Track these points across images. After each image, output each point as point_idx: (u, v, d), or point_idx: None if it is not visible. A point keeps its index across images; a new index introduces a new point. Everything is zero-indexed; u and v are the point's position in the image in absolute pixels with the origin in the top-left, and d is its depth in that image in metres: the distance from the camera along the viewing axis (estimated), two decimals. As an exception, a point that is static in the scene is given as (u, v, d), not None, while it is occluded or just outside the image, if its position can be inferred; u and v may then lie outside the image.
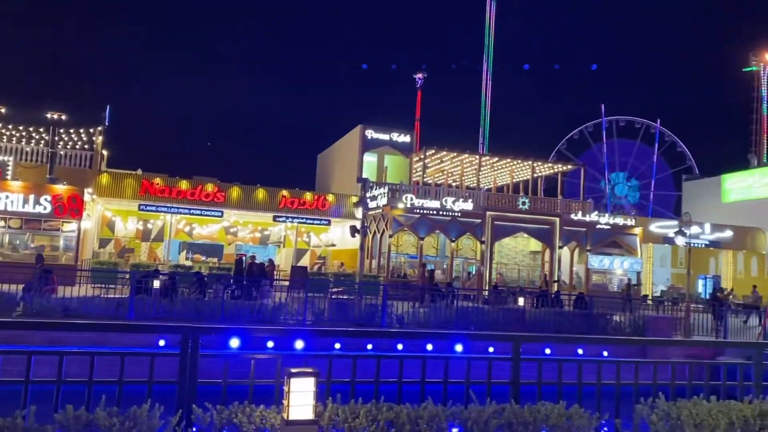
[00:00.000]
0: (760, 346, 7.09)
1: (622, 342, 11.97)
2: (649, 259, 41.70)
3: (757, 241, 43.40)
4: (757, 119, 56.43)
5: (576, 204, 36.93)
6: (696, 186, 54.09)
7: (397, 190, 33.81)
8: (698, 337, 22.93)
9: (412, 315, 20.19)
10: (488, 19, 67.25)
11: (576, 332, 20.97)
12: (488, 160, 40.63)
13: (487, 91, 65.53)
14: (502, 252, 38.74)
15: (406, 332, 16.83)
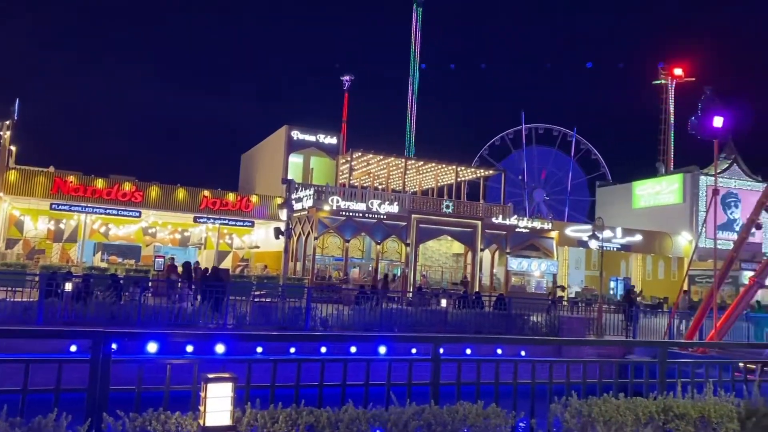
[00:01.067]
0: (664, 345, 7.51)
1: (538, 342, 12.39)
2: (565, 261, 43.40)
3: (664, 244, 45.93)
4: (665, 130, 59.78)
5: (497, 208, 37.93)
6: (609, 192, 56.69)
7: (323, 192, 33.68)
8: (610, 336, 24.04)
9: (336, 318, 20.15)
10: (413, 24, 68.09)
11: (496, 332, 21.54)
12: (414, 164, 41.14)
13: (412, 96, 66.31)
14: (427, 254, 39.30)
15: (329, 335, 16.76)
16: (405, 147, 65.61)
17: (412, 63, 66.91)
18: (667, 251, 46.10)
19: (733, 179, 45.99)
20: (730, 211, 45.37)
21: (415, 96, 66.45)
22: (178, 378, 5.62)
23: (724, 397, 6.69)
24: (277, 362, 5.87)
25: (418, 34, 67.96)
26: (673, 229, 46.15)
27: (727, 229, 43.68)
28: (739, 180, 46.20)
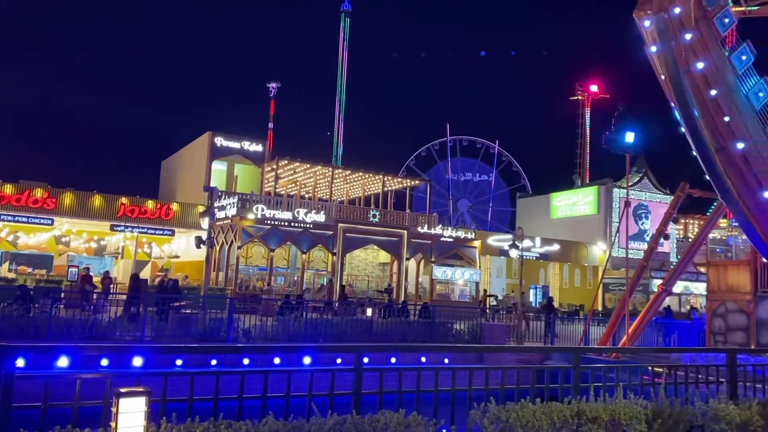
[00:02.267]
0: (578, 351, 7.81)
1: (460, 349, 12.60)
2: (487, 270, 44.44)
3: (580, 254, 47.85)
4: (582, 144, 62.45)
5: (423, 217, 38.43)
6: (529, 203, 58.56)
7: (248, 200, 33.13)
8: (530, 342, 24.77)
9: (259, 328, 19.80)
10: (341, 34, 68.34)
11: (420, 341, 21.75)
12: (341, 173, 41.15)
13: (340, 105, 66.42)
14: (353, 263, 39.31)
15: (251, 346, 16.44)
16: (332, 156, 65.62)
17: (340, 72, 67.11)
18: (583, 260, 48.04)
19: (644, 192, 48.48)
20: (641, 222, 47.77)
21: (343, 105, 66.63)
22: (90, 393, 5.36)
23: (634, 399, 7.02)
24: (194, 375, 5.71)
25: (346, 44, 68.26)
26: (589, 238, 48.15)
27: (638, 239, 45.96)
28: (649, 192, 48.74)
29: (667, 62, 17.01)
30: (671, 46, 16.78)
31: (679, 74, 16.62)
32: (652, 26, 17.20)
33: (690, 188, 24.09)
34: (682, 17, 16.60)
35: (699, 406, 7.20)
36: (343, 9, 70.17)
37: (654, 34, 17.35)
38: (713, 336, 21.57)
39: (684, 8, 16.49)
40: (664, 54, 17.07)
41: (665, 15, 16.65)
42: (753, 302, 20.57)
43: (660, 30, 16.85)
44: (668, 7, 16.61)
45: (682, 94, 16.58)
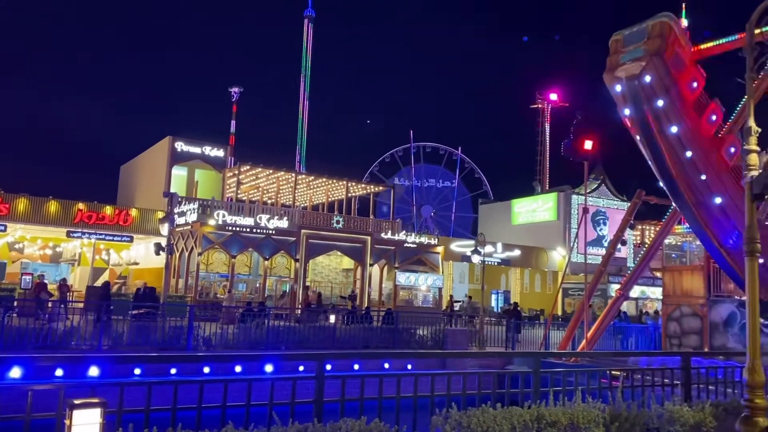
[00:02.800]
0: (537, 356, 7.92)
1: (422, 355, 12.64)
2: (450, 275, 44.72)
3: (540, 259, 48.54)
4: (541, 151, 63.39)
5: (386, 223, 38.50)
6: (490, 209, 59.19)
7: (209, 206, 32.68)
8: (492, 347, 25.00)
9: (220, 336, 19.52)
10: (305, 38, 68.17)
11: (384, 347, 21.74)
12: (304, 179, 40.96)
13: (304, 110, 66.18)
14: (316, 270, 39.11)
15: (211, 355, 16.20)
16: (296, 161, 65.31)
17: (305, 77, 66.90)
18: (543, 265, 48.75)
19: (602, 198, 49.50)
20: (599, 228, 48.74)
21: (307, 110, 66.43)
22: (44, 405, 5.21)
23: (592, 403, 7.15)
24: (152, 385, 5.60)
25: (309, 49, 68.11)
26: (549, 244, 48.90)
27: (596, 244, 46.85)
28: (607, 199, 49.78)
29: (641, 126, 17.00)
30: (644, 111, 16.68)
31: (653, 137, 16.81)
32: (624, 91, 17.00)
33: (646, 195, 24.72)
34: (653, 84, 16.34)
35: (655, 409, 7.38)
36: (307, 14, 70.11)
37: (626, 99, 17.16)
38: (669, 339, 22.12)
39: (655, 76, 16.41)
40: (637, 118, 17.02)
41: (636, 82, 16.42)
42: (706, 306, 21.17)
43: (632, 96, 16.69)
44: (639, 74, 16.32)
45: (658, 155, 16.87)
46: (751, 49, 7.18)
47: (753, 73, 7.18)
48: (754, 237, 6.80)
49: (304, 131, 65.71)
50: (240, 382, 6.28)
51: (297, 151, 65.69)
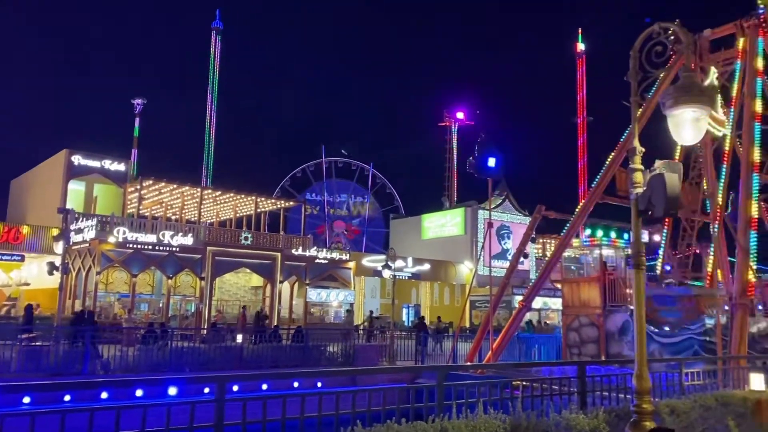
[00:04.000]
0: (441, 369, 8.04)
1: (332, 373, 12.54)
2: (361, 290, 44.82)
3: (449, 272, 49.56)
4: (449, 168, 65.04)
5: (297, 239, 38.11)
6: (401, 224, 59.97)
7: (108, 222, 31.13)
8: (402, 362, 25.18)
9: (119, 359, 18.60)
10: (213, 51, 66.88)
11: (293, 365, 21.45)
12: (211, 194, 39.88)
13: (212, 124, 64.66)
14: (223, 288, 38.10)
15: (109, 380, 15.38)
16: (202, 176, 63.55)
17: (213, 90, 65.47)
18: (452, 279, 49.80)
19: (506, 213, 51.27)
20: (503, 241, 50.41)
21: (215, 124, 64.93)
22: None
23: (493, 414, 7.31)
24: (35, 415, 5.22)
25: (217, 62, 66.82)
26: (457, 258, 50.04)
27: (501, 257, 48.38)
28: (510, 214, 51.61)
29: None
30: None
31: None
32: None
33: (546, 210, 25.82)
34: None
35: (553, 417, 7.64)
36: (215, 27, 68.70)
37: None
38: (569, 349, 23.08)
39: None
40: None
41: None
42: (602, 316, 22.28)
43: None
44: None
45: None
46: (635, 74, 7.67)
47: (637, 96, 7.66)
48: (640, 251, 7.22)
49: (211, 145, 64.13)
50: (136, 408, 5.98)
51: (203, 165, 63.99)
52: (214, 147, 64.71)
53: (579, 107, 59.98)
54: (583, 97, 59.97)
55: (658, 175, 6.87)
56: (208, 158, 63.68)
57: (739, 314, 17.38)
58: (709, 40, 23.18)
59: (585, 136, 58.38)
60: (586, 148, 57.53)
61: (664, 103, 6.94)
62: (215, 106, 64.65)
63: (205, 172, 64.31)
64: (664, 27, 7.70)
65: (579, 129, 59.09)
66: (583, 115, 59.11)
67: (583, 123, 58.80)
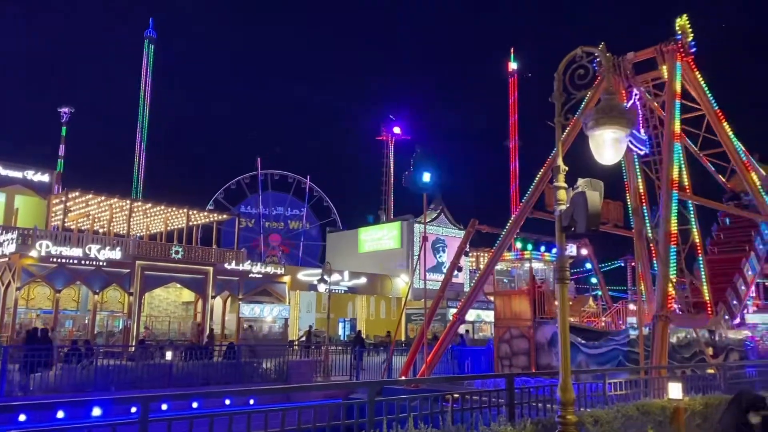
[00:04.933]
0: (372, 384, 8.04)
1: (264, 391, 12.33)
2: (296, 305, 44.32)
3: (385, 286, 49.70)
4: (386, 182, 65.38)
5: (230, 253, 37.40)
6: (338, 237, 59.82)
7: (30, 235, 29.70)
8: (337, 377, 25.03)
9: (39, 380, 17.72)
10: (144, 61, 65.27)
11: (225, 382, 21.00)
12: (141, 206, 38.68)
13: (142, 135, 62.91)
14: (153, 304, 36.93)
15: (28, 403, 14.63)
16: (132, 188, 61.66)
17: (142, 100, 63.80)
18: (388, 292, 49.97)
19: (441, 227, 51.94)
20: (438, 255, 51.01)
21: (145, 135, 63.22)
22: None
23: (424, 428, 7.36)
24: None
25: (149, 72, 65.27)
26: (393, 271, 50.28)
27: (436, 271, 48.90)
28: (445, 228, 52.33)
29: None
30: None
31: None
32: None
33: (479, 224, 26.33)
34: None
35: (482, 430, 7.76)
36: (148, 35, 67.08)
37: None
38: (501, 360, 23.51)
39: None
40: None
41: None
42: (533, 327, 22.83)
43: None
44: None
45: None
46: (559, 95, 7.96)
47: (561, 117, 7.94)
48: (564, 265, 7.46)
49: (141, 156, 62.34)
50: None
51: (134, 177, 62.10)
52: (146, 159, 63.02)
53: (511, 126, 61.63)
54: (516, 115, 61.68)
55: (580, 193, 7.14)
56: (138, 170, 61.90)
57: (659, 326, 18.16)
58: (632, 63, 24.30)
59: (517, 156, 59.97)
60: (518, 168, 59.06)
61: (586, 123, 7.23)
62: (146, 116, 63.00)
63: (136, 184, 62.48)
64: (587, 51, 8.03)
65: (511, 151, 60.56)
66: (515, 135, 60.67)
67: (515, 144, 60.34)
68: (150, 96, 64.10)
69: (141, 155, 61.98)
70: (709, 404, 11.23)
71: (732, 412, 6.39)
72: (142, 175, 62.26)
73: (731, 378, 15.03)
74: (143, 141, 62.64)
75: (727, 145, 24.25)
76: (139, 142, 62.26)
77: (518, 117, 60.46)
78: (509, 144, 60.81)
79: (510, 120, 61.40)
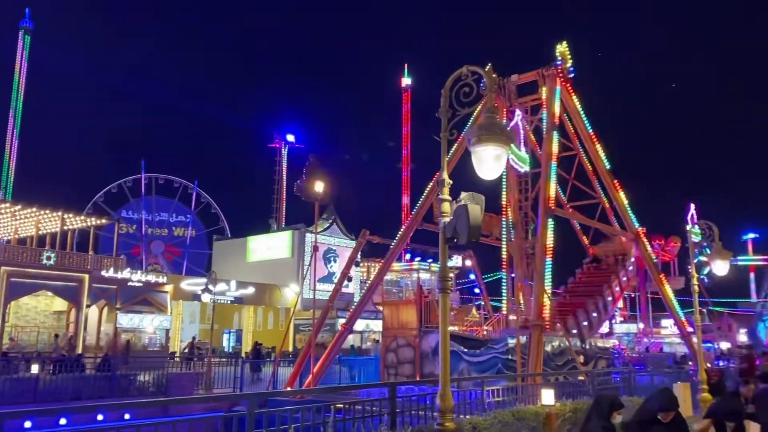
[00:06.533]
0: (254, 396, 7.86)
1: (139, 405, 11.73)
2: (179, 315, 42.61)
3: (274, 296, 48.91)
4: (278, 190, 64.61)
5: (108, 260, 35.41)
6: (226, 245, 58.30)
7: None
8: (219, 389, 24.25)
9: None
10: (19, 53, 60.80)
11: (98, 396, 19.90)
12: (8, 208, 35.74)
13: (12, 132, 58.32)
14: (20, 313, 34.20)
15: None
16: (1, 188, 56.92)
17: (15, 94, 59.24)
18: (277, 302, 49.21)
19: (333, 237, 52.00)
20: (329, 265, 50.99)
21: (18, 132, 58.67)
22: None
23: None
24: None
25: (24, 63, 60.76)
26: (283, 281, 49.62)
27: (327, 281, 48.82)
28: (337, 238, 52.43)
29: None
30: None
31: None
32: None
33: (370, 235, 26.59)
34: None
35: (363, 439, 7.80)
36: (23, 25, 62.34)
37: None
38: (387, 369, 23.79)
39: None
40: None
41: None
42: (418, 336, 23.30)
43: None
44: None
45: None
46: (445, 111, 8.21)
47: (446, 133, 8.19)
48: (446, 276, 7.68)
49: (11, 156, 57.71)
50: None
51: (2, 176, 57.34)
52: (18, 156, 58.43)
53: (404, 139, 62.70)
54: (408, 128, 62.82)
55: (463, 206, 7.38)
56: (7, 169, 57.29)
57: (535, 334, 19.11)
58: (516, 84, 25.59)
59: (409, 168, 60.97)
60: (409, 180, 60.02)
61: (469, 140, 7.52)
62: (19, 112, 58.55)
63: (5, 184, 57.74)
64: (472, 70, 8.36)
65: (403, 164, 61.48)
66: (407, 147, 61.69)
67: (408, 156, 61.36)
68: (25, 88, 59.61)
69: (12, 152, 57.43)
70: (578, 409, 11.91)
71: (595, 417, 6.81)
72: (12, 174, 57.66)
73: (599, 384, 16.08)
74: (16, 137, 58.10)
75: (598, 165, 26.07)
76: (11, 138, 57.68)
77: (411, 130, 61.60)
78: (401, 165, 61.50)
79: (403, 132, 62.48)
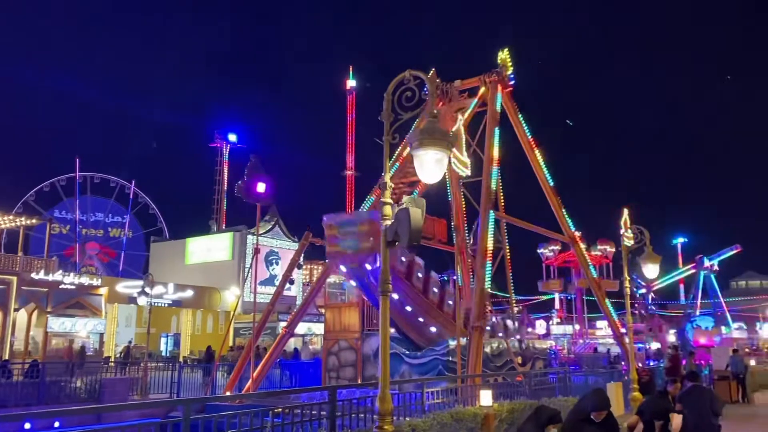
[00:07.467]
0: (190, 402, 7.69)
1: (69, 412, 11.29)
2: (114, 319, 41.24)
3: (213, 299, 47.91)
4: (219, 191, 63.35)
5: (39, 262, 33.96)
6: (164, 247, 56.82)
7: None
8: (156, 395, 23.60)
9: None
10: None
11: (25, 404, 19.12)
12: (-72, 207, 33.92)
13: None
14: (-61, 317, 32.39)
15: None
16: None
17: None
18: (217, 305, 48.23)
19: (275, 239, 51.39)
20: (271, 267, 50.37)
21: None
22: None
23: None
24: None
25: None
26: (223, 284, 48.69)
27: (269, 284, 48.21)
28: (280, 240, 51.85)
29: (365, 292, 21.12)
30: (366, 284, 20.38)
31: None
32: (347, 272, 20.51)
33: (313, 237, 26.40)
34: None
35: (302, 443, 7.73)
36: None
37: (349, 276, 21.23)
38: (328, 373, 23.65)
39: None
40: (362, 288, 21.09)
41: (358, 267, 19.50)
42: (360, 339, 23.27)
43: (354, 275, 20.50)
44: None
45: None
46: (388, 115, 8.25)
47: (389, 136, 8.23)
48: (387, 279, 7.70)
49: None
50: None
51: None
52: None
53: (348, 141, 62.59)
54: (353, 130, 62.74)
55: (404, 209, 7.42)
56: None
57: (475, 336, 19.39)
58: (458, 90, 25.93)
59: (354, 169, 60.87)
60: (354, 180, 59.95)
61: (411, 143, 7.58)
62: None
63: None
64: (415, 74, 8.43)
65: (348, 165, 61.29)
66: (352, 150, 61.56)
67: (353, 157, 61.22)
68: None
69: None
70: (515, 409, 12.16)
71: (532, 424, 6.95)
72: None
73: (536, 385, 16.46)
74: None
75: (537, 171, 26.71)
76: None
77: (356, 132, 61.52)
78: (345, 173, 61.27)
79: (348, 134, 62.35)
